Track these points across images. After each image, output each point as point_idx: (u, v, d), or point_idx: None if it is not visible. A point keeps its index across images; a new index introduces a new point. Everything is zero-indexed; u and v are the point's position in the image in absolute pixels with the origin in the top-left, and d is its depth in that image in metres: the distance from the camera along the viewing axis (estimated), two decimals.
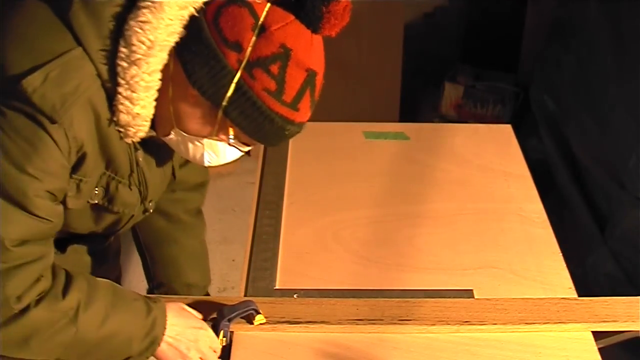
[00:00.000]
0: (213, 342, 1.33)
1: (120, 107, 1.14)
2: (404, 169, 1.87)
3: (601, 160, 2.50)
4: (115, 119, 1.16)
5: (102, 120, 1.15)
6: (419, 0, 3.46)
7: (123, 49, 1.12)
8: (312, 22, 1.13)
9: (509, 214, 1.71)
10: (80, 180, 1.19)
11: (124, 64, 1.12)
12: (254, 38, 1.11)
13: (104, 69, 1.13)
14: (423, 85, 3.53)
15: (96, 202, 1.25)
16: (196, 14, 1.13)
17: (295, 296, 1.46)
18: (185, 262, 1.60)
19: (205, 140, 1.21)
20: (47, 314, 1.15)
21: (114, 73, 1.13)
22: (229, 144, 1.21)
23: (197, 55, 1.12)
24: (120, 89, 1.13)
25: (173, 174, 1.43)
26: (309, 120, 1.20)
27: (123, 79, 1.12)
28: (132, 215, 1.35)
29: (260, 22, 1.11)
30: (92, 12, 1.13)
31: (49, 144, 1.10)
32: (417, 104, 3.51)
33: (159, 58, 1.13)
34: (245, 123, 1.15)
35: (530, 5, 3.28)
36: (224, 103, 1.13)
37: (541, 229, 1.67)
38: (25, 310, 1.14)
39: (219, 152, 1.23)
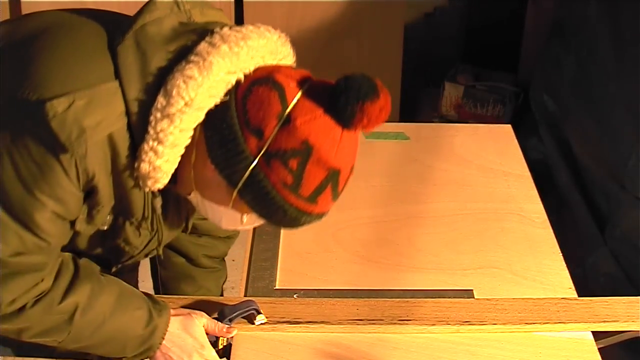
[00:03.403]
0: None
1: (144, 156, 1.09)
2: (404, 169, 1.87)
3: (601, 160, 2.49)
4: (136, 165, 1.11)
5: (121, 159, 1.12)
6: (419, 0, 3.46)
7: (161, 99, 1.07)
8: (343, 120, 1.07)
9: (509, 214, 1.71)
10: (94, 208, 1.17)
11: (158, 115, 1.07)
12: (276, 128, 1.06)
13: (135, 113, 1.09)
14: (423, 85, 3.53)
15: (105, 227, 1.23)
16: (242, 81, 1.08)
17: (295, 296, 1.46)
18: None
19: (223, 208, 1.16)
20: (42, 314, 1.16)
21: (145, 120, 1.08)
22: (242, 222, 1.17)
23: (219, 132, 1.08)
24: (147, 137, 1.09)
25: (186, 225, 1.37)
26: None
27: (153, 129, 1.08)
28: (133, 256, 1.33)
29: (287, 112, 1.06)
30: (143, 53, 1.09)
31: (57, 171, 1.08)
32: (417, 104, 3.50)
33: (194, 117, 1.08)
34: (258, 208, 1.11)
35: (530, 5, 3.27)
36: (239, 186, 1.09)
37: (541, 229, 1.67)
38: (21, 309, 1.14)
39: (237, 220, 1.18)
